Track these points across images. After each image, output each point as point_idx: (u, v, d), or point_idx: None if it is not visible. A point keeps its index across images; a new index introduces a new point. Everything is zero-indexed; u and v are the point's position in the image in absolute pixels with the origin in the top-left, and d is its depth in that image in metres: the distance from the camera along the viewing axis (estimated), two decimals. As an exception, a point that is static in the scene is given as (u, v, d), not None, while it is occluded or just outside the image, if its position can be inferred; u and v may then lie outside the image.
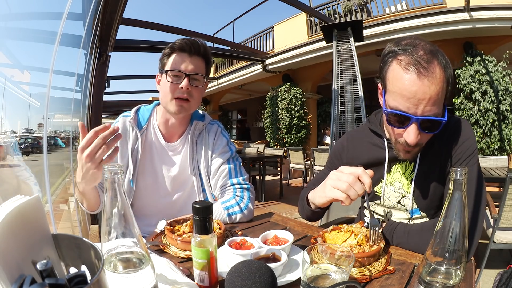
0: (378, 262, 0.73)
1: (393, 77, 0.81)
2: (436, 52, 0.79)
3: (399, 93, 0.79)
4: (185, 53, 1.08)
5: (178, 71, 1.07)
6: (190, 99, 1.09)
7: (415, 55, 0.78)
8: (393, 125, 0.85)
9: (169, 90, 1.07)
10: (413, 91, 0.77)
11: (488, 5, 5.36)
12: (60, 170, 3.32)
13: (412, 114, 0.79)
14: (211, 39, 7.84)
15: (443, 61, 0.78)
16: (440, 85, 0.77)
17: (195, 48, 1.09)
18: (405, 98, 0.78)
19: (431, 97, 0.76)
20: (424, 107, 0.77)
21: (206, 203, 0.58)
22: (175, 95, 1.07)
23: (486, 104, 5.44)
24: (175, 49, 1.09)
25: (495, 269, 2.35)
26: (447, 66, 0.79)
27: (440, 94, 0.77)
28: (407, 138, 0.82)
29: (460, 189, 0.49)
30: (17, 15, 1.93)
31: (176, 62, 1.08)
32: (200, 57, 1.11)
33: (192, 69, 1.08)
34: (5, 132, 1.84)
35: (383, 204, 1.04)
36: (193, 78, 1.09)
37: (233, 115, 16.28)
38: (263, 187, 5.39)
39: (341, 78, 5.20)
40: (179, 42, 1.08)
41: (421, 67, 0.76)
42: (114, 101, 11.19)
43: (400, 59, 0.80)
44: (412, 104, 0.78)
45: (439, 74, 0.76)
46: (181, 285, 0.59)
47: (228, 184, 1.15)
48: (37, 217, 0.36)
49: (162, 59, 1.12)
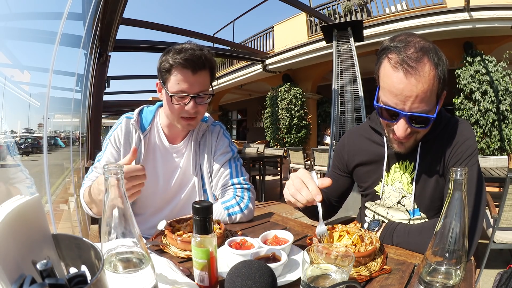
0: (374, 262, 0.73)
1: (383, 74, 0.84)
2: (428, 49, 0.80)
3: (388, 89, 0.82)
4: (188, 70, 1.00)
5: (183, 93, 1.02)
6: (197, 116, 1.08)
7: (404, 54, 0.79)
8: (384, 118, 0.88)
9: (175, 110, 1.05)
10: (400, 89, 0.79)
11: (488, 5, 5.37)
12: (60, 170, 3.32)
13: (400, 109, 0.81)
14: (211, 39, 7.84)
15: (434, 58, 0.79)
16: (428, 83, 0.78)
17: (198, 65, 1.01)
18: (393, 94, 0.81)
19: (418, 95, 0.78)
20: (411, 104, 0.79)
21: (206, 203, 0.57)
22: (181, 115, 1.05)
23: (486, 104, 5.45)
24: (177, 66, 1.00)
25: (495, 269, 2.35)
26: (439, 64, 0.80)
27: (429, 92, 0.79)
28: (396, 132, 0.86)
29: (460, 189, 0.49)
30: (17, 15, 1.93)
31: (180, 82, 1.01)
32: (204, 70, 1.04)
33: (197, 89, 1.03)
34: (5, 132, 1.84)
35: (383, 204, 1.04)
36: (199, 97, 1.05)
37: (233, 115, 16.28)
38: (263, 187, 5.38)
39: (341, 78, 5.20)
40: (180, 58, 0.98)
41: (408, 66, 0.78)
42: (114, 101, 11.18)
43: (390, 57, 0.82)
44: (400, 100, 0.80)
45: (428, 73, 0.78)
46: (181, 285, 0.59)
47: (229, 184, 1.15)
48: (37, 217, 0.36)
49: (161, 71, 1.04)
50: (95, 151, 4.48)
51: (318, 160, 5.89)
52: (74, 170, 3.46)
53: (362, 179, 1.09)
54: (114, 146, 1.11)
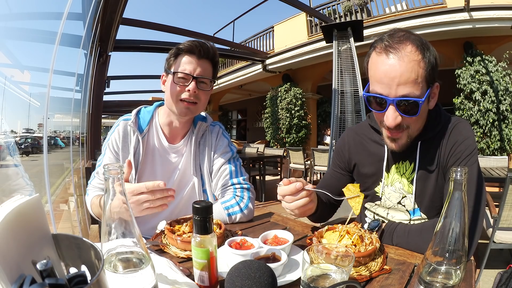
0: (374, 262, 0.73)
1: (370, 65, 0.86)
2: (413, 37, 0.82)
3: (374, 77, 0.83)
4: (194, 55, 1.06)
5: (185, 73, 1.06)
6: (197, 102, 1.09)
7: (388, 40, 0.81)
8: (373, 109, 0.88)
9: (176, 91, 1.06)
10: (385, 70, 0.80)
11: (488, 5, 5.36)
12: (60, 170, 3.32)
13: (386, 95, 0.81)
14: (211, 39, 7.85)
15: (418, 43, 0.80)
16: (412, 63, 0.78)
17: (204, 50, 1.07)
18: (378, 79, 0.82)
19: (402, 73, 0.78)
20: (397, 86, 0.79)
21: (206, 203, 0.57)
22: (182, 97, 1.07)
23: (486, 104, 5.44)
24: (184, 50, 1.07)
25: (495, 269, 2.35)
26: (425, 49, 0.80)
27: (415, 73, 0.78)
28: (386, 121, 0.84)
29: (460, 189, 0.49)
30: (17, 15, 1.93)
31: (184, 64, 1.06)
32: (209, 60, 1.09)
33: (200, 72, 1.07)
34: (5, 132, 1.84)
35: (383, 205, 1.04)
36: (200, 81, 1.08)
37: (233, 115, 16.28)
38: (263, 187, 5.38)
39: (341, 78, 5.20)
40: (189, 44, 1.06)
41: (391, 48, 0.80)
42: (114, 101, 11.20)
43: (375, 46, 0.84)
44: (386, 84, 0.80)
45: (410, 53, 0.78)
46: (181, 285, 0.59)
47: (228, 184, 1.15)
48: (37, 217, 0.36)
49: (168, 59, 1.10)
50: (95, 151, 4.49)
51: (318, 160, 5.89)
52: (74, 170, 3.46)
53: (362, 179, 1.09)
54: (112, 151, 1.11)
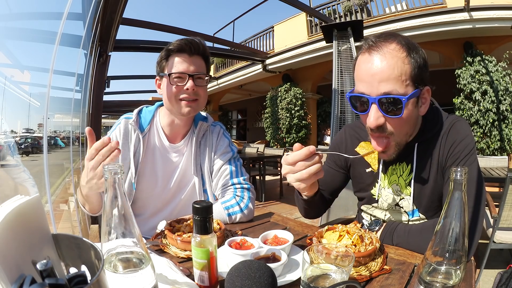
0: (374, 262, 0.73)
1: (356, 67, 0.86)
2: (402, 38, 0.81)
3: (357, 77, 0.83)
4: (185, 53, 1.07)
5: (181, 73, 1.06)
6: (198, 98, 1.10)
7: (372, 41, 0.81)
8: (358, 111, 0.87)
9: (174, 92, 1.06)
10: (367, 68, 0.80)
11: (488, 5, 5.36)
12: (60, 170, 3.32)
13: (368, 94, 0.80)
14: (211, 39, 7.85)
15: (403, 42, 0.80)
16: (396, 58, 0.77)
17: (194, 47, 1.08)
18: (360, 78, 0.82)
19: (383, 69, 0.77)
20: (379, 83, 0.78)
21: (206, 203, 0.58)
22: (181, 97, 1.07)
23: (486, 104, 5.44)
24: (174, 51, 1.07)
25: (495, 269, 2.35)
26: (411, 48, 0.79)
27: (398, 70, 0.77)
28: (368, 121, 0.82)
29: (460, 189, 0.49)
30: (17, 15, 1.93)
31: (177, 64, 1.06)
32: (200, 56, 1.10)
33: (194, 69, 1.07)
34: (5, 132, 1.84)
35: (380, 207, 1.04)
36: (196, 77, 1.08)
37: (233, 115, 16.28)
38: (263, 187, 5.38)
39: (341, 78, 5.20)
40: (178, 43, 1.07)
41: (374, 46, 0.79)
42: (114, 101, 11.18)
43: (362, 48, 0.84)
44: (367, 82, 0.80)
45: (394, 50, 0.78)
46: (181, 285, 0.59)
47: (229, 184, 1.15)
48: (37, 217, 0.36)
49: (160, 62, 1.11)
50: (95, 151, 4.47)
51: (318, 160, 5.87)
52: (74, 170, 3.46)
53: (357, 179, 1.08)
54: None
